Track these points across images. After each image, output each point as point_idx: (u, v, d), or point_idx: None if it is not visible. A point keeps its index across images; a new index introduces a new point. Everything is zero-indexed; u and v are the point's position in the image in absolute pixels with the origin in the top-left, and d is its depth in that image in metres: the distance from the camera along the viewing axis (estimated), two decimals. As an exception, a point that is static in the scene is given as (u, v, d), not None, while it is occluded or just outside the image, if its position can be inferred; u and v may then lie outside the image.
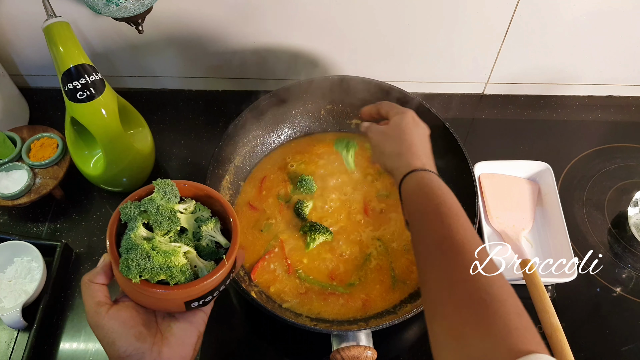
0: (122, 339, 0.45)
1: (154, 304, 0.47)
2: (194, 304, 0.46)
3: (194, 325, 0.49)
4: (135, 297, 0.47)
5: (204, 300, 0.47)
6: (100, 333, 0.45)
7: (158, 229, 0.47)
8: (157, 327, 0.48)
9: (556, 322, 0.66)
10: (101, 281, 0.47)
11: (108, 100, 0.74)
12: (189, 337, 0.48)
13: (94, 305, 0.46)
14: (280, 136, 0.89)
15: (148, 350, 0.45)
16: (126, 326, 0.45)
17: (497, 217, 0.83)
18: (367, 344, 0.64)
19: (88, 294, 0.46)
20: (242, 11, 0.84)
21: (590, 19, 0.86)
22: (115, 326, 0.45)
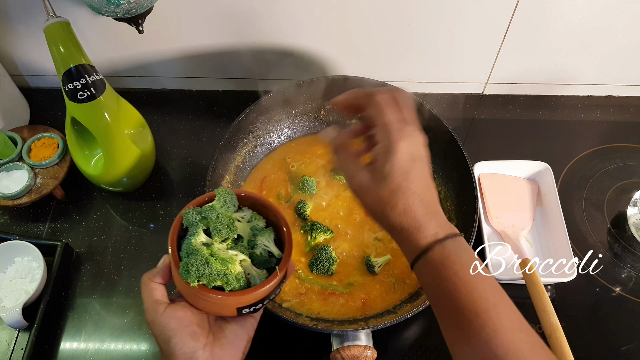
0: (177, 336, 0.46)
1: (209, 307, 0.48)
2: (245, 310, 0.48)
3: (245, 329, 0.50)
4: (191, 300, 0.49)
5: (255, 307, 0.48)
6: (157, 330, 0.47)
7: (217, 236, 0.49)
8: (209, 328, 0.49)
9: (556, 322, 0.67)
10: (159, 281, 0.49)
11: (108, 101, 0.74)
12: (239, 341, 0.49)
13: (152, 303, 0.48)
14: (281, 136, 0.90)
15: (200, 350, 0.47)
16: (182, 325, 0.47)
17: (496, 217, 0.83)
18: (367, 344, 0.64)
19: (147, 292, 0.48)
20: (243, 11, 0.84)
21: (590, 19, 0.86)
22: (172, 324, 0.46)
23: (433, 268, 0.44)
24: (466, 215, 0.75)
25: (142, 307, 0.76)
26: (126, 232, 0.83)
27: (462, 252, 0.44)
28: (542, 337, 0.72)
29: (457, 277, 0.42)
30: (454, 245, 0.44)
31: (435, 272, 0.44)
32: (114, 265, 0.80)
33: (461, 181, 0.78)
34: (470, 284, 0.42)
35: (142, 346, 0.73)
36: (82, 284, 0.78)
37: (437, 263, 0.43)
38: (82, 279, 0.79)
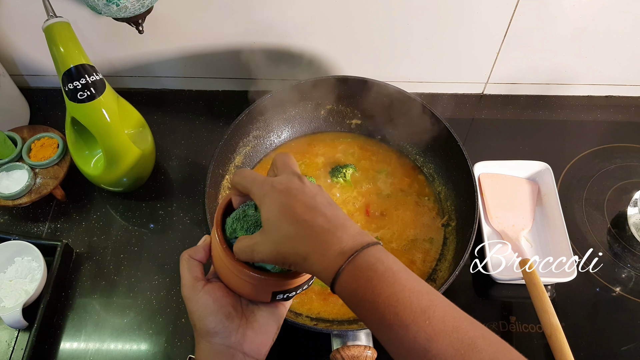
0: (213, 315, 0.47)
1: (245, 288, 0.48)
2: (279, 296, 0.48)
3: (276, 316, 0.51)
4: (228, 280, 0.49)
5: (288, 294, 0.49)
6: (193, 306, 0.47)
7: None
8: (242, 311, 0.50)
9: (556, 322, 0.67)
10: (200, 258, 0.50)
11: (108, 101, 0.74)
12: (270, 326, 0.50)
13: (192, 279, 0.48)
14: (280, 136, 0.90)
15: (234, 331, 0.47)
16: (218, 304, 0.47)
17: (496, 217, 0.83)
18: (367, 344, 0.64)
19: (187, 268, 0.49)
20: (243, 11, 0.84)
21: (590, 19, 0.86)
22: (209, 302, 0.47)
23: (350, 289, 0.40)
24: (466, 215, 0.75)
25: (142, 307, 0.76)
26: (126, 232, 0.83)
27: (377, 264, 0.40)
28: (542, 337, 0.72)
29: (376, 293, 0.39)
30: (366, 258, 0.40)
31: (352, 292, 0.40)
32: (114, 265, 0.80)
33: (461, 181, 0.78)
34: (392, 297, 0.38)
35: (142, 346, 0.73)
36: (82, 284, 0.78)
37: (352, 283, 0.40)
38: (82, 279, 0.79)
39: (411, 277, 0.40)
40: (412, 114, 0.82)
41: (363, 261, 0.40)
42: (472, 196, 0.74)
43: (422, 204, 0.83)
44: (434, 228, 0.81)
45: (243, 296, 0.50)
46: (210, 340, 0.47)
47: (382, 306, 0.38)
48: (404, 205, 0.83)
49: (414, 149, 0.88)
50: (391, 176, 0.86)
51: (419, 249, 0.78)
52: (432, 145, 0.85)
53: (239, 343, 0.48)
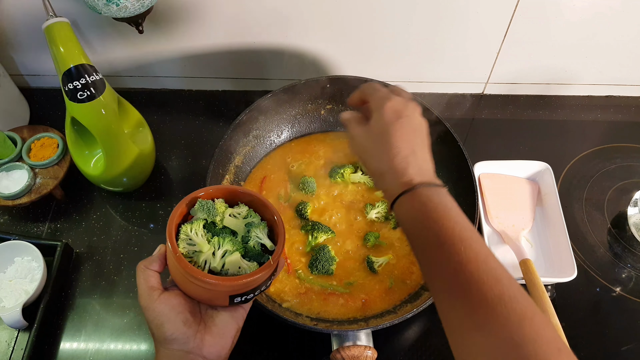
0: (170, 322, 0.48)
1: (202, 294, 0.50)
2: (237, 299, 0.49)
3: (235, 319, 0.52)
4: (184, 287, 0.50)
5: (246, 297, 0.50)
6: (150, 315, 0.49)
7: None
8: (201, 317, 0.51)
9: (556, 322, 0.67)
10: (156, 268, 0.51)
11: (108, 100, 0.74)
12: (229, 330, 0.51)
13: (148, 289, 0.50)
14: (280, 136, 0.90)
15: (192, 337, 0.49)
16: (175, 311, 0.49)
17: (497, 217, 0.83)
18: (367, 344, 0.64)
19: (143, 278, 0.50)
20: (242, 11, 0.84)
21: (590, 19, 0.86)
22: (165, 310, 0.48)
23: (414, 203, 0.48)
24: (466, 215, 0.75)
25: (142, 307, 0.76)
26: (126, 232, 0.83)
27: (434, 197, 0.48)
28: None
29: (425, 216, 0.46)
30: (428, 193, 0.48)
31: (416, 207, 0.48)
32: (114, 265, 0.80)
33: (461, 181, 0.78)
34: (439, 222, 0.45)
35: (142, 346, 0.73)
36: (82, 284, 0.78)
37: (409, 207, 0.48)
38: (82, 279, 0.79)
39: (461, 216, 0.47)
40: (412, 114, 0.82)
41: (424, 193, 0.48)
42: (472, 196, 0.74)
43: (422, 204, 0.83)
44: (434, 228, 0.81)
45: (201, 302, 0.51)
46: (168, 347, 0.48)
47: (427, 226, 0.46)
48: (404, 205, 0.83)
49: (414, 149, 0.88)
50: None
51: (419, 249, 0.78)
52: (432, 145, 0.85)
53: (198, 348, 0.49)
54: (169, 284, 0.52)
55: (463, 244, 0.44)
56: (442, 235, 0.45)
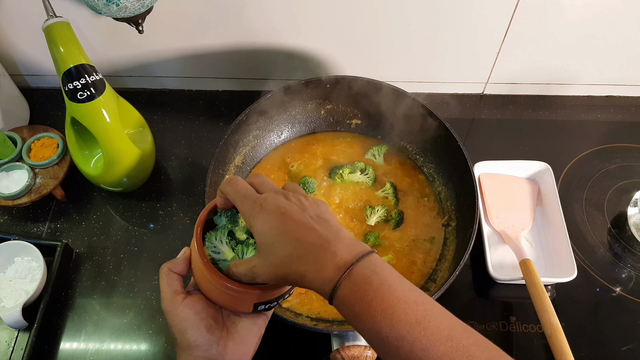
0: (194, 328, 0.46)
1: (226, 300, 0.48)
2: (261, 307, 0.48)
3: (257, 326, 0.50)
4: (209, 292, 0.49)
5: (270, 304, 0.49)
6: (174, 320, 0.47)
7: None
8: (223, 323, 0.49)
9: (556, 322, 0.67)
10: (179, 271, 0.49)
11: (108, 100, 0.74)
12: (251, 337, 0.50)
13: (171, 293, 0.48)
14: (280, 136, 0.90)
15: (215, 343, 0.47)
16: (199, 317, 0.47)
17: (497, 217, 0.83)
18: (367, 344, 0.64)
19: (166, 282, 0.48)
20: (242, 11, 0.84)
21: (590, 19, 0.86)
22: (189, 315, 0.47)
23: (347, 304, 0.40)
24: (466, 215, 0.75)
25: (142, 307, 0.76)
26: (126, 232, 0.83)
27: (372, 277, 0.40)
28: (542, 337, 0.72)
29: (372, 307, 0.39)
30: (362, 271, 0.40)
31: (350, 307, 0.40)
32: (114, 265, 0.80)
33: (461, 181, 0.78)
34: (388, 310, 0.39)
35: (142, 346, 0.73)
36: (82, 284, 0.78)
37: (349, 298, 0.40)
38: (82, 279, 0.79)
39: (406, 287, 0.40)
40: (412, 113, 0.82)
41: (359, 274, 0.40)
42: (472, 196, 0.73)
43: (422, 204, 0.83)
44: (435, 228, 0.81)
45: (224, 308, 0.50)
46: (191, 353, 0.47)
47: (378, 319, 0.39)
48: (405, 205, 0.83)
49: (414, 149, 0.88)
50: (391, 176, 0.86)
51: (419, 249, 0.78)
52: (432, 145, 0.85)
53: (220, 355, 0.47)
54: (190, 288, 0.50)
55: (421, 326, 0.38)
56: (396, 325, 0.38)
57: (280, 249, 0.42)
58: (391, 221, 0.80)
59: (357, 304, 0.40)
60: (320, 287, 0.41)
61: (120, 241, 0.82)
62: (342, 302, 0.41)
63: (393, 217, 0.80)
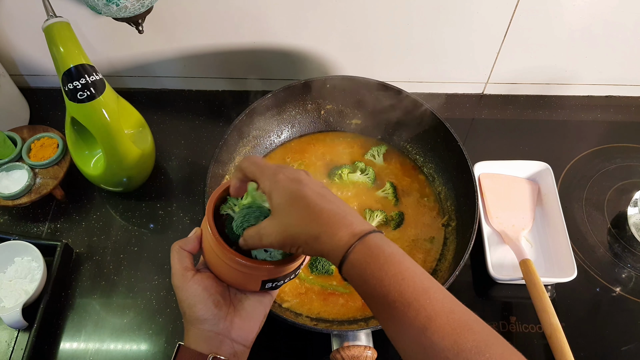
0: (202, 302, 0.49)
1: (236, 278, 0.50)
2: (268, 284, 0.50)
3: (263, 304, 0.53)
4: (219, 270, 0.50)
5: (277, 283, 0.50)
6: (183, 295, 0.49)
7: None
8: (230, 300, 0.52)
9: (556, 322, 0.67)
10: (190, 249, 0.51)
11: (108, 100, 0.74)
12: (257, 314, 0.52)
13: (182, 269, 0.50)
14: (280, 136, 0.90)
15: (222, 318, 0.49)
16: (207, 292, 0.49)
17: (497, 217, 0.83)
18: (367, 344, 0.64)
19: (177, 259, 0.51)
20: (242, 11, 0.84)
21: (590, 19, 0.86)
22: (198, 290, 0.49)
23: (358, 267, 0.43)
24: (466, 215, 0.75)
25: (142, 307, 0.76)
26: (126, 232, 0.83)
27: (384, 245, 0.43)
28: (542, 337, 0.72)
29: (383, 270, 0.42)
30: (375, 241, 0.43)
31: (361, 270, 0.43)
32: (114, 265, 0.80)
33: (461, 181, 0.78)
34: (398, 276, 0.41)
35: (142, 346, 0.73)
36: (82, 284, 0.78)
37: (361, 261, 0.42)
38: (82, 279, 0.79)
39: (413, 262, 0.43)
40: (412, 113, 0.83)
41: (372, 242, 0.43)
42: (472, 196, 0.73)
43: (422, 204, 0.83)
44: (435, 228, 0.81)
45: (233, 286, 0.52)
46: (199, 327, 0.49)
47: (387, 283, 0.41)
48: (405, 205, 0.83)
49: (414, 149, 0.88)
50: (391, 176, 0.86)
51: (419, 249, 0.78)
52: (432, 145, 0.85)
53: (227, 330, 0.49)
54: (200, 266, 0.52)
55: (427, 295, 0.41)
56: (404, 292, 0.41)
57: (296, 211, 0.44)
58: (391, 222, 0.80)
59: (369, 267, 0.42)
60: (332, 250, 0.43)
61: (120, 241, 0.82)
62: (354, 265, 0.43)
63: (393, 218, 0.80)
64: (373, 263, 0.42)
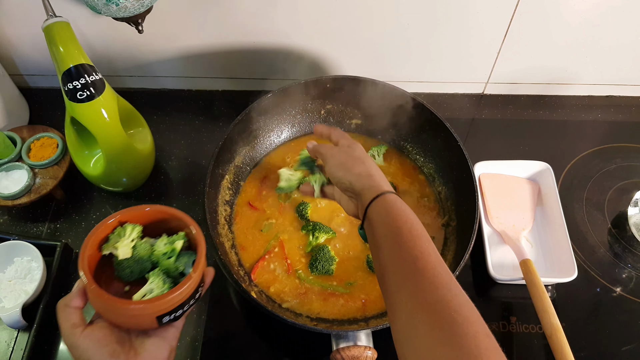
0: (96, 356, 0.47)
1: (128, 321, 0.48)
2: (165, 318, 0.48)
3: (166, 340, 0.51)
4: (108, 316, 0.49)
5: (174, 314, 0.49)
6: (75, 353, 0.47)
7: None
8: (130, 344, 0.49)
9: (556, 322, 0.66)
10: (76, 305, 0.49)
11: (108, 100, 0.74)
12: (161, 352, 0.50)
13: (70, 327, 0.48)
14: (280, 136, 0.89)
15: None
16: (100, 345, 0.47)
17: (497, 217, 0.83)
18: (367, 344, 0.64)
19: (64, 317, 0.48)
20: (242, 11, 0.84)
21: (590, 19, 0.86)
22: (89, 345, 0.47)
23: (385, 206, 0.56)
24: (466, 215, 0.75)
25: (142, 307, 0.76)
26: (126, 232, 0.83)
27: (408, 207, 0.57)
28: (542, 337, 0.72)
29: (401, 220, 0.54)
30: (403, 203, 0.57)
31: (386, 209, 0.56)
32: (114, 265, 0.80)
33: (461, 181, 0.77)
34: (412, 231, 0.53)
35: (141, 346, 0.73)
36: (82, 284, 0.78)
37: (391, 202, 0.56)
38: (82, 279, 0.78)
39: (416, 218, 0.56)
40: (412, 114, 0.82)
41: (395, 198, 0.57)
42: (472, 196, 0.73)
43: (422, 204, 0.83)
44: (435, 228, 0.81)
45: (129, 328, 0.50)
46: None
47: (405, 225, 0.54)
48: (404, 205, 0.83)
49: (414, 149, 0.88)
50: (391, 176, 0.86)
51: (419, 249, 0.78)
52: (432, 145, 0.85)
53: None
54: (94, 317, 0.51)
55: (428, 242, 0.52)
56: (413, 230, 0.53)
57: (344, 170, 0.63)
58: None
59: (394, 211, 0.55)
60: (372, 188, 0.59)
61: (120, 241, 0.82)
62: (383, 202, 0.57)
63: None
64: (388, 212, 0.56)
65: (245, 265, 0.77)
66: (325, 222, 0.80)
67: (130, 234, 0.52)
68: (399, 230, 0.53)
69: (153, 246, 0.53)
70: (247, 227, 0.80)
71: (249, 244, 0.78)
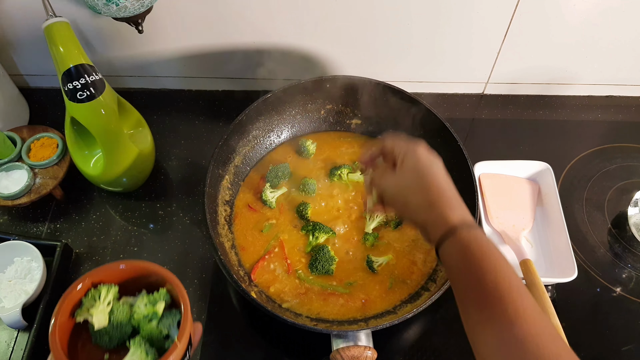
0: None
1: None
2: None
3: None
4: None
5: None
6: None
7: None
8: None
9: (556, 322, 0.66)
10: None
11: (108, 100, 0.74)
12: None
13: None
14: (280, 136, 0.89)
15: None
16: None
17: (497, 217, 0.83)
18: (367, 344, 0.64)
19: None
20: (242, 11, 0.84)
21: (590, 19, 0.86)
22: None
23: (461, 247, 0.47)
24: (466, 215, 0.75)
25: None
26: (126, 232, 0.83)
27: (486, 240, 0.47)
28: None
29: (484, 259, 0.45)
30: (480, 233, 0.48)
31: (463, 251, 0.46)
32: (114, 265, 0.80)
33: (461, 181, 0.77)
34: (496, 268, 0.45)
35: (141, 346, 0.73)
36: (82, 284, 0.78)
37: (465, 243, 0.47)
38: (82, 279, 0.78)
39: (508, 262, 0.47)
40: (412, 113, 0.82)
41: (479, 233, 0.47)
42: (472, 196, 0.73)
43: (422, 204, 0.83)
44: (434, 228, 0.81)
45: None
46: None
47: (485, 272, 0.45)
48: (404, 205, 0.82)
49: (414, 149, 0.88)
50: (391, 176, 0.86)
51: (420, 249, 0.78)
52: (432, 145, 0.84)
53: None
54: None
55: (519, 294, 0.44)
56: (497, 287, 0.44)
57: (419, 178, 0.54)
58: (391, 222, 0.80)
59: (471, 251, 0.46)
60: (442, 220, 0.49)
61: (119, 241, 0.82)
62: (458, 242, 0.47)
63: (393, 218, 0.80)
64: (476, 249, 0.46)
65: (245, 266, 0.77)
66: (325, 222, 0.80)
67: (105, 297, 0.47)
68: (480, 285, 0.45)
69: (132, 307, 0.48)
70: (247, 227, 0.80)
71: (248, 244, 0.78)
